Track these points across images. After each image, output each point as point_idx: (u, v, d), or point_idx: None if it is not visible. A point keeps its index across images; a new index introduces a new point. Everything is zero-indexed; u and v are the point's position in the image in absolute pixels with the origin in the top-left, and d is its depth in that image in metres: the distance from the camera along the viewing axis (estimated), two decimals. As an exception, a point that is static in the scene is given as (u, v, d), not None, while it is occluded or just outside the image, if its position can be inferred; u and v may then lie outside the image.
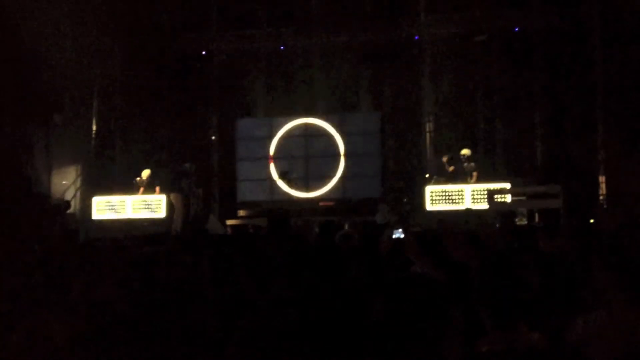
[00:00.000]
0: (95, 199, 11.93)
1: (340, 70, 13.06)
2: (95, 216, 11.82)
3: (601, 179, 11.38)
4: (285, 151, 13.36)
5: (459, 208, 10.37)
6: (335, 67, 13.10)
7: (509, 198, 10.11)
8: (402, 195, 12.50)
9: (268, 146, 13.52)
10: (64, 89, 11.71)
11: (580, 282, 2.66)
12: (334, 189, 13.17)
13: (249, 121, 13.86)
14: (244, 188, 13.55)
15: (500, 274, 2.31)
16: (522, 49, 12.13)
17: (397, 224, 10.02)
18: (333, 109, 13.53)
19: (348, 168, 13.20)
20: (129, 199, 11.70)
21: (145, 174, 11.78)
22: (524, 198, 10.19)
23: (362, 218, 10.91)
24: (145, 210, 11.60)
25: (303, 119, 13.50)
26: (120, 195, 11.86)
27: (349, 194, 13.04)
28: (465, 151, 10.93)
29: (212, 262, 2.83)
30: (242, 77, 13.66)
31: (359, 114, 13.57)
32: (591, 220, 9.11)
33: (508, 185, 10.38)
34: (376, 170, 13.14)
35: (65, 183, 12.65)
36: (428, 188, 10.87)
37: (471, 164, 10.84)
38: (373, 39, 12.92)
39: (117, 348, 1.60)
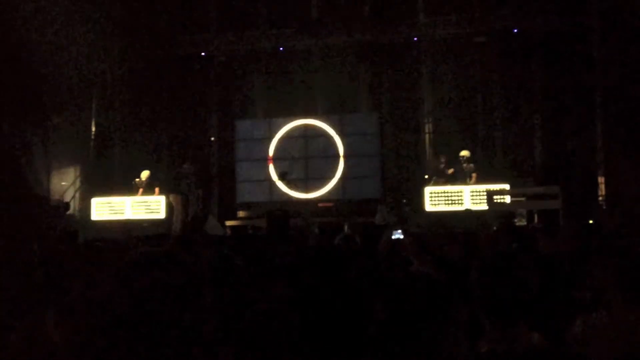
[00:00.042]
0: (94, 200, 11.91)
1: (340, 71, 13.07)
2: (94, 217, 11.81)
3: (600, 180, 11.39)
4: (285, 152, 13.35)
5: (459, 209, 10.37)
6: (335, 68, 13.10)
7: (508, 199, 10.11)
8: (402, 196, 12.50)
9: (267, 147, 13.51)
10: (63, 90, 11.71)
11: (579, 283, 2.66)
12: (333, 189, 13.16)
13: (248, 122, 13.85)
14: (243, 189, 13.53)
15: (499, 274, 2.31)
16: (522, 50, 12.15)
17: (397, 225, 10.01)
18: (332, 109, 13.52)
19: (347, 169, 13.19)
20: (128, 200, 11.69)
21: (145, 175, 11.77)
22: (523, 199, 10.21)
23: (362, 219, 10.91)
24: (144, 211, 11.59)
25: (302, 120, 13.49)
26: (119, 196, 11.85)
27: (348, 195, 13.02)
28: (464, 152, 10.93)
29: (211, 263, 2.83)
30: (242, 78, 13.67)
31: (359, 114, 13.56)
32: (590, 221, 9.13)
33: (507, 186, 10.39)
34: (375, 171, 13.13)
35: (65, 184, 12.65)
36: (427, 189, 10.87)
37: (470, 164, 10.85)
38: (372, 40, 12.93)
39: (116, 348, 1.59)
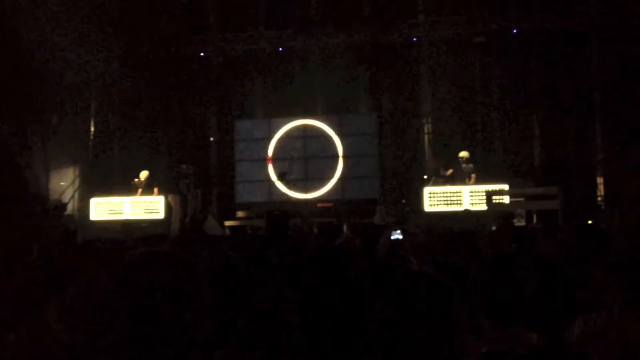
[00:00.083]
0: (93, 200, 11.90)
1: (339, 72, 13.06)
2: (93, 217, 11.79)
3: (599, 180, 11.40)
4: (284, 152, 13.35)
5: (458, 209, 10.37)
6: (334, 69, 13.10)
7: (507, 199, 10.11)
8: (401, 197, 12.49)
9: (266, 147, 13.51)
10: (62, 90, 11.70)
11: (579, 283, 2.65)
12: (333, 190, 13.15)
13: (247, 122, 13.84)
14: (243, 189, 13.53)
15: (499, 274, 2.31)
16: (521, 51, 12.15)
17: (396, 225, 10.00)
18: (331, 110, 13.52)
19: (346, 169, 13.18)
20: (127, 200, 11.68)
21: (144, 175, 11.75)
22: (522, 199, 10.20)
23: (361, 219, 10.90)
24: (143, 211, 11.58)
25: (301, 120, 13.49)
26: (118, 196, 11.84)
27: (347, 195, 13.02)
28: (463, 153, 10.92)
29: (210, 263, 2.82)
30: (241, 78, 13.66)
31: (358, 115, 13.57)
32: (589, 221, 9.13)
33: (506, 187, 10.38)
34: (374, 172, 13.13)
35: (64, 184, 12.64)
36: (426, 189, 10.87)
37: (470, 165, 10.84)
38: (371, 40, 12.93)
39: (116, 348, 1.59)
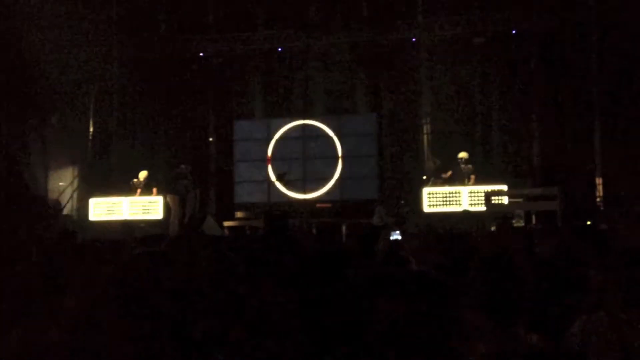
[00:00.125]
0: (92, 200, 11.88)
1: (338, 72, 13.06)
2: (92, 217, 11.78)
3: (598, 181, 11.40)
4: (283, 153, 13.35)
5: (457, 210, 10.37)
6: (333, 69, 13.09)
7: (506, 200, 10.11)
8: (400, 197, 12.49)
9: (265, 148, 13.51)
10: (61, 90, 11.70)
11: (578, 284, 2.65)
12: (331, 190, 13.15)
13: (246, 123, 13.84)
14: (242, 189, 13.52)
15: (498, 275, 2.30)
16: (520, 51, 12.16)
17: (395, 226, 10.01)
18: (330, 110, 13.52)
19: (345, 170, 13.18)
20: (126, 201, 11.67)
21: (143, 175, 11.74)
22: (521, 200, 10.20)
23: (359, 220, 10.90)
24: (142, 211, 11.57)
25: (300, 121, 13.49)
26: (117, 196, 11.82)
27: (346, 195, 13.02)
28: (462, 154, 10.92)
29: (209, 264, 2.82)
30: (240, 79, 13.66)
31: (357, 115, 13.56)
32: (588, 222, 9.13)
33: (505, 187, 10.39)
34: (373, 172, 13.13)
35: (62, 184, 12.63)
36: (425, 190, 10.87)
37: (469, 166, 10.84)
38: (371, 41, 12.92)
39: (115, 348, 1.59)
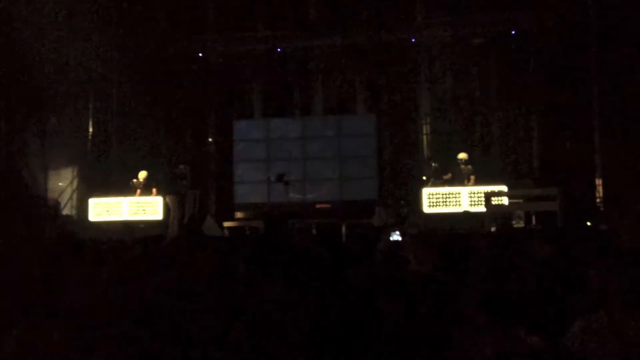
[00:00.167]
0: (91, 201, 11.88)
1: (338, 73, 13.06)
2: (91, 218, 11.77)
3: (598, 182, 11.40)
4: (282, 153, 13.35)
5: (457, 210, 10.37)
6: (332, 70, 13.10)
7: (506, 201, 10.10)
8: (400, 198, 12.49)
9: (265, 148, 13.50)
10: (61, 90, 11.68)
11: (578, 285, 2.65)
12: (331, 191, 13.15)
13: (246, 123, 13.84)
14: (241, 190, 13.53)
15: (498, 276, 2.30)
16: (520, 52, 12.16)
17: (395, 226, 10.00)
18: (330, 111, 13.53)
19: (345, 170, 13.19)
20: (125, 201, 11.66)
21: (142, 175, 11.73)
22: (521, 201, 10.19)
23: (359, 221, 10.90)
24: (141, 212, 11.56)
25: (300, 121, 13.49)
26: (116, 197, 11.82)
27: (346, 196, 13.02)
28: (462, 155, 10.92)
29: (209, 264, 2.82)
30: (240, 79, 13.66)
31: (356, 116, 13.57)
32: (588, 223, 9.13)
33: (505, 188, 10.38)
34: (373, 173, 13.13)
35: (62, 184, 12.62)
36: (425, 190, 10.86)
37: (468, 166, 10.84)
38: (370, 41, 12.92)
39: (114, 348, 1.58)
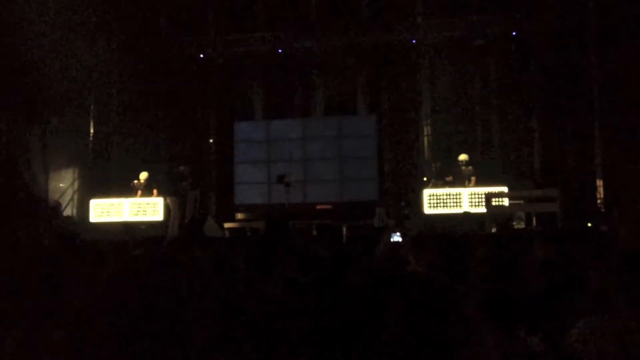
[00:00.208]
0: (92, 202, 11.88)
1: (338, 74, 13.07)
2: (92, 219, 11.78)
3: (599, 183, 11.39)
4: (283, 154, 13.35)
5: (457, 211, 10.36)
6: (333, 70, 13.10)
7: (506, 202, 10.09)
8: (400, 199, 12.49)
9: (266, 149, 13.51)
10: (61, 91, 11.69)
11: (579, 286, 2.65)
12: (332, 192, 13.15)
13: (246, 124, 13.85)
14: (242, 191, 13.53)
15: (498, 277, 2.30)
16: (520, 53, 12.16)
17: (395, 227, 10.00)
18: (331, 111, 13.53)
19: (345, 171, 13.19)
20: (126, 202, 11.66)
21: (143, 176, 11.73)
22: (521, 202, 10.18)
23: (360, 221, 10.89)
24: (142, 213, 11.57)
25: (300, 122, 13.49)
26: (117, 197, 11.82)
27: (346, 197, 13.02)
28: (463, 156, 10.92)
29: (209, 265, 2.82)
30: (240, 80, 13.67)
31: (357, 117, 13.57)
32: (589, 224, 9.13)
33: (506, 189, 10.38)
34: (374, 174, 13.13)
35: (63, 185, 12.62)
36: (426, 191, 10.86)
37: (469, 167, 10.84)
38: (371, 42, 12.93)
39: (114, 351, 1.57)
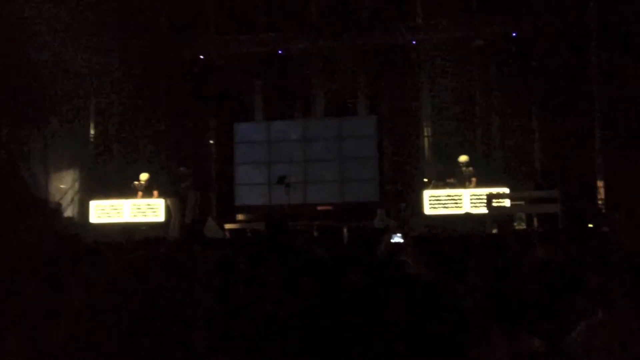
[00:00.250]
0: (93, 203, 11.87)
1: (338, 75, 13.07)
2: (93, 220, 11.77)
3: (599, 184, 11.38)
4: (283, 155, 13.35)
5: (458, 212, 10.36)
6: (333, 71, 13.10)
7: (507, 203, 10.09)
8: (401, 200, 12.48)
9: (266, 150, 13.51)
10: (61, 93, 11.69)
11: (580, 287, 2.64)
12: (332, 193, 13.15)
13: (247, 125, 13.85)
14: (242, 192, 13.53)
15: (499, 278, 2.29)
16: (520, 54, 12.16)
17: (396, 229, 9.99)
18: (331, 113, 13.53)
19: (346, 172, 13.18)
20: (127, 203, 11.66)
21: (144, 177, 11.73)
22: (523, 203, 10.18)
23: (361, 223, 10.89)
24: (143, 214, 11.56)
25: (301, 123, 13.49)
26: (118, 199, 11.81)
27: (347, 198, 13.01)
28: (463, 157, 10.92)
29: (210, 266, 2.81)
30: (240, 81, 13.66)
31: (357, 118, 13.57)
32: (590, 225, 9.12)
33: (507, 190, 10.37)
34: (374, 175, 13.13)
35: (63, 187, 12.62)
36: (427, 192, 10.86)
37: (470, 168, 10.84)
38: (371, 43, 12.93)
39: (115, 351, 1.58)
